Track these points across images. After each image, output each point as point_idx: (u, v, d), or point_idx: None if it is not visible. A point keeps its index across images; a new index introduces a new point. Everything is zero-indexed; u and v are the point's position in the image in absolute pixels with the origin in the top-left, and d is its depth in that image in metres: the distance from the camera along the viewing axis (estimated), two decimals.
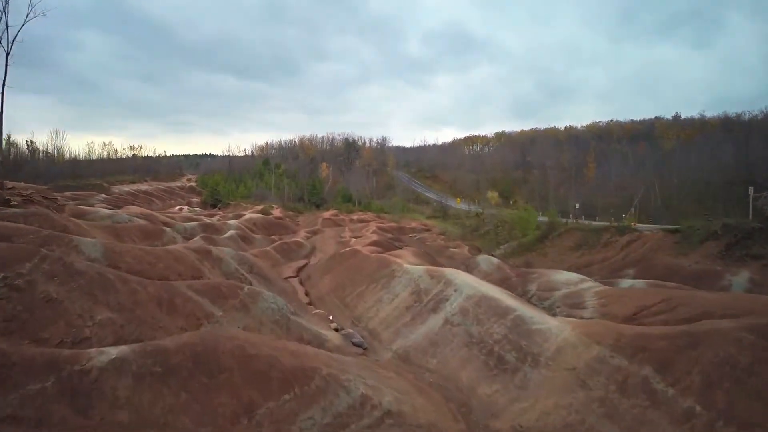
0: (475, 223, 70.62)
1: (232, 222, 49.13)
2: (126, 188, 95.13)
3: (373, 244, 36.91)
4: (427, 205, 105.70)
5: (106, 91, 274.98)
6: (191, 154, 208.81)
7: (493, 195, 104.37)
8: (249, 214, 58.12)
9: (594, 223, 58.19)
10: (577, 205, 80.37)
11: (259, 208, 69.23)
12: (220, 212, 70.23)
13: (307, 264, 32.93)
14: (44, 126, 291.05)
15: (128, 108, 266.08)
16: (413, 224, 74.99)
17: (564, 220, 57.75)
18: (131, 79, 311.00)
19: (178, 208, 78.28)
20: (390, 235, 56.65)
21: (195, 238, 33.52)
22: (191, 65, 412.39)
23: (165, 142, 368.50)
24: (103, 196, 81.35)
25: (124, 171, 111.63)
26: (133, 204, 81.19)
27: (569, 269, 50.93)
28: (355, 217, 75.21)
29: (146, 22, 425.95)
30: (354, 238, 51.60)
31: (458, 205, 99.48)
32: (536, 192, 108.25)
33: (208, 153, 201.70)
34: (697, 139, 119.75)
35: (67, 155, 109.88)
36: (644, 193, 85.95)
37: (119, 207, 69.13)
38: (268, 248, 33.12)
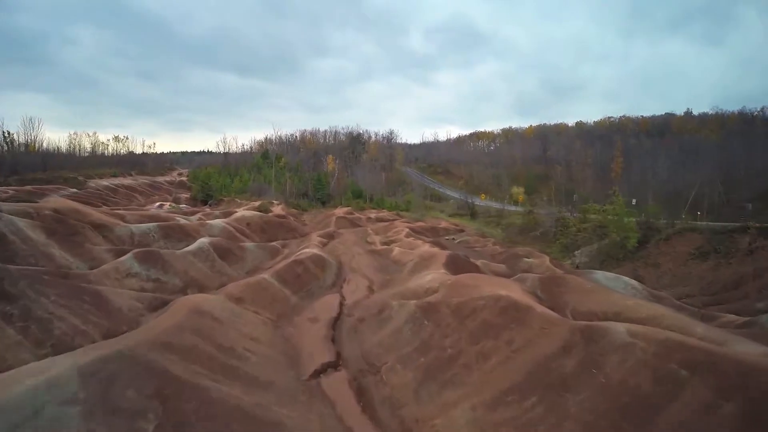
0: (523, 222, 53.34)
1: (216, 222, 31.86)
2: (104, 182, 77.36)
3: (451, 264, 19.56)
4: (444, 202, 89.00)
5: (104, 89, 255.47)
6: (189, 151, 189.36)
7: (518, 191, 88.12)
8: (242, 212, 40.70)
9: (713, 224, 40.99)
10: (634, 201, 63.35)
11: (256, 204, 51.50)
12: (207, 209, 52.50)
13: (342, 306, 15.41)
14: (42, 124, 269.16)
15: (127, 106, 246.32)
16: (443, 224, 57.82)
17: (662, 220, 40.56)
18: (129, 76, 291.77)
19: (158, 204, 60.30)
20: (429, 239, 39.48)
21: (127, 256, 16.25)
22: (190, 62, 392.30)
23: (165, 141, 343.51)
24: (73, 190, 63.93)
25: (108, 164, 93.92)
26: (109, 200, 63.53)
27: (710, 287, 34.00)
28: (372, 215, 57.82)
29: (142, 17, 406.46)
30: (387, 244, 34.36)
31: (483, 201, 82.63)
32: (562, 188, 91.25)
33: (206, 150, 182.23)
34: (721, 135, 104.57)
35: (47, 147, 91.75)
36: (698, 188, 69.55)
37: (89, 202, 51.82)
38: (265, 275, 15.46)
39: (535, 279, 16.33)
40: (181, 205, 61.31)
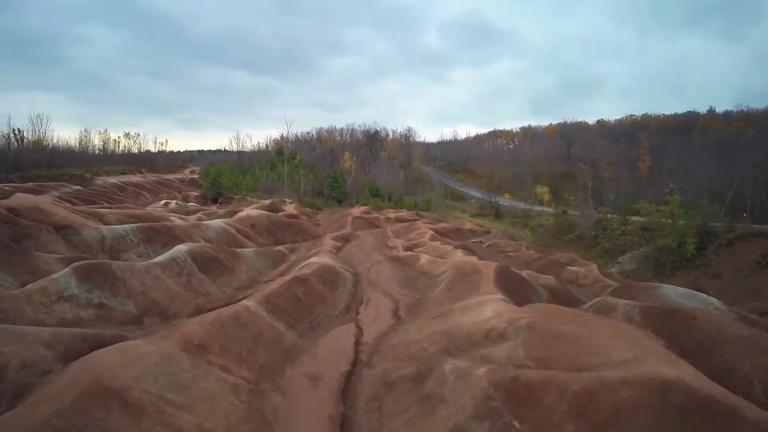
0: (557, 223, 48.06)
1: (215, 223, 27.41)
2: (112, 180, 73.87)
3: (502, 282, 14.74)
4: (466, 202, 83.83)
5: (115, 87, 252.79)
6: (205, 149, 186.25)
7: (543, 190, 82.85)
8: (247, 211, 36.26)
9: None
10: None
11: (266, 202, 47.03)
12: (214, 207, 48.34)
13: (359, 346, 10.61)
14: (54, 123, 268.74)
15: (139, 104, 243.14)
16: (467, 225, 52.79)
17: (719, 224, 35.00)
18: (140, 75, 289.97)
19: (163, 202, 56.36)
20: (455, 242, 34.62)
21: (63, 271, 11.61)
22: (201, 60, 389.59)
23: (178, 139, 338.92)
24: (77, 187, 60.19)
25: (119, 162, 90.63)
26: (115, 198, 59.62)
27: None
28: (391, 215, 53.02)
29: (153, 16, 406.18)
30: (411, 249, 29.43)
31: (507, 201, 77.35)
32: (588, 186, 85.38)
33: (222, 148, 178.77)
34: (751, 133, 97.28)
35: (57, 143, 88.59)
36: (736, 188, 63.44)
37: (91, 200, 48.18)
38: (249, 303, 10.69)
39: (631, 309, 11.22)
40: (189, 204, 57.36)
